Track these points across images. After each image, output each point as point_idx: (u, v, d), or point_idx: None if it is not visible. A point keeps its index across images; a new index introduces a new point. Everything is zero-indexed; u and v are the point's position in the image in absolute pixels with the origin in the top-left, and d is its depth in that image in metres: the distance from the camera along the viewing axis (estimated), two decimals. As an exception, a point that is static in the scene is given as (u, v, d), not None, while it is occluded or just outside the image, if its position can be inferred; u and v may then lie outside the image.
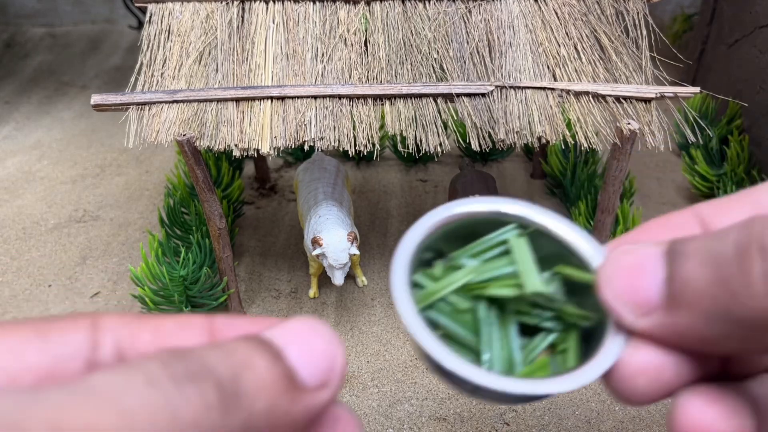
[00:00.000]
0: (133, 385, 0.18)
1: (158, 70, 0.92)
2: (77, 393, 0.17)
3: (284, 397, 0.21)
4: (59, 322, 0.23)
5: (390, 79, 0.91)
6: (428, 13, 0.95)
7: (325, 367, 0.23)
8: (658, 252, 0.24)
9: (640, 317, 0.24)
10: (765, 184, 0.27)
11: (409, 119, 0.88)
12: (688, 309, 0.22)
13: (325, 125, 0.87)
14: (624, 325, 0.25)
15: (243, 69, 0.92)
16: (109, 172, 1.54)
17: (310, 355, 0.23)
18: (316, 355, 0.23)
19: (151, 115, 0.88)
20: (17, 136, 1.70)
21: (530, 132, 0.88)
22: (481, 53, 0.93)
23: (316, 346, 0.23)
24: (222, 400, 0.19)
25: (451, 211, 0.30)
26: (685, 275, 0.23)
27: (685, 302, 0.22)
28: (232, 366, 0.20)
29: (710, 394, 0.25)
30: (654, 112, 0.89)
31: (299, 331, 0.23)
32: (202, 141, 0.86)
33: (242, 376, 0.20)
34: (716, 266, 0.21)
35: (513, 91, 0.90)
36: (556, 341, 0.29)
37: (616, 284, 0.25)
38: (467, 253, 0.31)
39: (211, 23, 0.95)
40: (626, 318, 0.25)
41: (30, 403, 0.16)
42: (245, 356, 0.21)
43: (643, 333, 0.25)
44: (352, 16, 0.95)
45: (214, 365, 0.20)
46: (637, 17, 0.95)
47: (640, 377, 0.25)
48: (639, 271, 0.24)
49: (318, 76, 0.91)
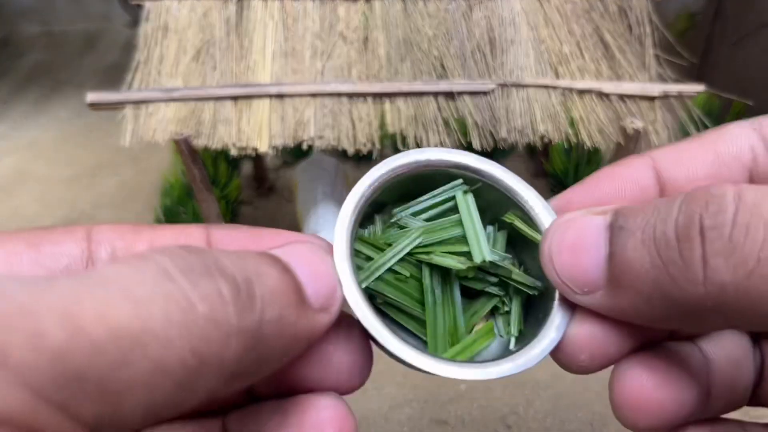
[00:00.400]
0: (147, 276, 0.17)
1: (155, 67, 0.91)
2: (89, 282, 0.16)
3: (293, 310, 0.21)
4: (52, 233, 0.23)
5: (390, 77, 0.89)
6: (428, 10, 0.94)
7: (327, 291, 0.23)
8: (601, 224, 0.23)
9: (582, 295, 0.24)
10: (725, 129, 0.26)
11: (410, 118, 0.87)
12: (629, 290, 0.22)
13: (325, 124, 0.86)
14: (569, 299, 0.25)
15: (241, 67, 0.90)
16: (106, 171, 1.52)
17: (315, 277, 0.23)
18: (320, 278, 0.23)
19: (147, 113, 0.86)
20: (13, 135, 1.68)
21: (532, 131, 0.86)
22: (483, 51, 0.92)
23: (321, 269, 0.23)
24: (237, 297, 0.19)
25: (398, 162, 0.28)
26: (626, 255, 0.22)
27: (626, 283, 0.22)
28: (245, 269, 0.20)
29: (650, 362, 0.25)
30: (658, 110, 0.88)
31: (305, 253, 0.23)
32: (199, 140, 0.85)
33: (255, 281, 0.20)
34: (657, 248, 0.21)
35: (515, 90, 0.89)
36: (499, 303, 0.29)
37: (558, 260, 0.24)
38: (410, 209, 0.30)
39: (208, 20, 0.93)
40: (569, 294, 0.25)
41: (41, 290, 0.15)
42: (257, 264, 0.20)
43: (588, 307, 0.24)
44: (351, 13, 0.94)
45: (227, 265, 0.19)
46: (640, 14, 0.93)
47: (583, 352, 0.25)
48: (581, 248, 0.24)
49: (317, 73, 0.90)
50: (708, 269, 0.19)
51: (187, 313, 0.17)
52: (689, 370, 0.25)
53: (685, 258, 0.20)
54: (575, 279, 0.24)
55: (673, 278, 0.20)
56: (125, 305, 0.16)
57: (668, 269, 0.20)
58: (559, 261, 0.24)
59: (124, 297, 0.16)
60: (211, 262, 0.19)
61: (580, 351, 0.25)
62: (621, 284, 0.22)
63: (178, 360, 0.16)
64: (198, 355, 0.17)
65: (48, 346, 0.14)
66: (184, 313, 0.17)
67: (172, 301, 0.17)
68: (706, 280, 0.19)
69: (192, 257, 0.19)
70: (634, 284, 0.21)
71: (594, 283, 0.23)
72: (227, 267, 0.19)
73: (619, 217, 0.23)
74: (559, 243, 0.24)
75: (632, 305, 0.22)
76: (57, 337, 0.14)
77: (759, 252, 0.18)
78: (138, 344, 0.15)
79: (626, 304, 0.22)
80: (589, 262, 0.23)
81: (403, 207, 0.30)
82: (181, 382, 0.16)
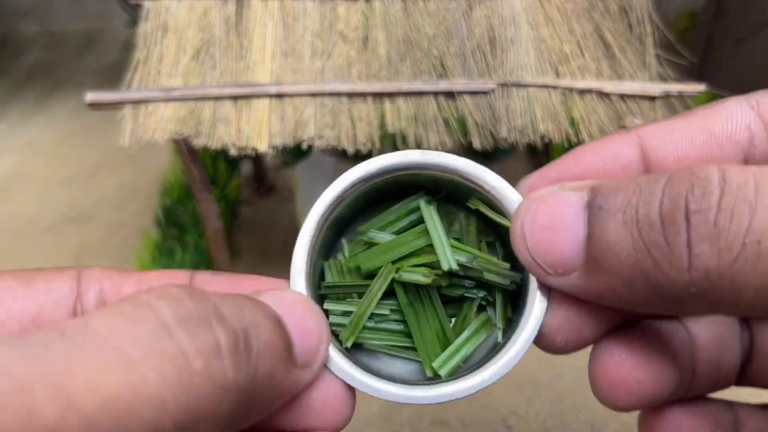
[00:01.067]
0: (142, 331, 0.17)
1: (154, 67, 0.90)
2: (82, 344, 0.16)
3: (282, 366, 0.20)
4: (43, 272, 0.23)
5: (390, 76, 0.89)
6: (429, 10, 0.93)
7: (313, 347, 0.22)
8: (578, 202, 0.22)
9: (557, 277, 0.23)
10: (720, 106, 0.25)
11: (410, 117, 0.87)
12: (608, 273, 0.21)
13: (324, 123, 0.85)
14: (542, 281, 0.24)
15: (240, 66, 0.90)
16: (105, 171, 1.52)
17: (303, 333, 0.22)
18: (308, 334, 0.22)
19: (146, 113, 0.86)
20: (11, 134, 1.68)
21: (533, 130, 0.86)
22: (483, 50, 0.91)
23: (309, 324, 0.22)
24: (235, 350, 0.18)
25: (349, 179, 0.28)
26: (606, 237, 0.21)
27: (605, 266, 0.21)
28: (242, 319, 0.19)
29: (630, 341, 0.24)
30: (659, 110, 0.87)
31: (293, 304, 0.23)
32: (198, 139, 0.84)
33: (252, 332, 0.19)
34: (640, 230, 0.20)
35: (515, 89, 0.88)
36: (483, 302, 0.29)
37: (530, 240, 0.23)
38: (375, 225, 0.30)
39: (208, 19, 0.93)
40: (541, 275, 0.23)
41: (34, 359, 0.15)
42: (253, 313, 0.20)
43: (563, 290, 0.23)
44: (351, 13, 0.93)
45: (227, 313, 0.19)
46: (641, 14, 0.93)
47: (558, 335, 0.24)
48: (557, 227, 0.22)
49: (317, 73, 0.89)
50: (693, 255, 0.18)
51: (183, 371, 0.16)
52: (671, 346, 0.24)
53: (670, 242, 0.19)
54: (550, 259, 0.23)
55: (657, 262, 0.19)
56: (118, 370, 0.15)
57: (651, 253, 0.19)
58: (532, 240, 0.23)
59: (117, 361, 0.16)
60: (211, 309, 0.18)
61: (557, 333, 0.24)
62: (599, 267, 0.21)
63: (172, 422, 0.16)
64: (192, 414, 0.16)
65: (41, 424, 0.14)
66: (179, 372, 0.16)
67: (167, 359, 0.16)
68: (690, 265, 0.18)
69: (192, 303, 0.18)
70: (614, 267, 0.20)
71: (570, 264, 0.22)
72: (226, 316, 0.18)
73: (598, 196, 0.21)
74: (532, 221, 0.23)
75: (610, 288, 0.21)
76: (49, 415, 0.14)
77: (744, 237, 0.18)
78: (131, 412, 0.15)
79: (604, 287, 0.21)
80: (566, 241, 0.22)
81: (369, 224, 0.30)
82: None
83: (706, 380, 0.26)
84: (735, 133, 0.24)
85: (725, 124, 0.24)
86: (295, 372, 0.21)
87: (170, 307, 0.17)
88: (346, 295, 0.28)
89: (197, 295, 0.19)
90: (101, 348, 0.16)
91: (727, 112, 0.24)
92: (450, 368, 0.26)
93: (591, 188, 0.22)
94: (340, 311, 0.28)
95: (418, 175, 0.29)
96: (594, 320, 0.24)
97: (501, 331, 0.28)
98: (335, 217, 0.28)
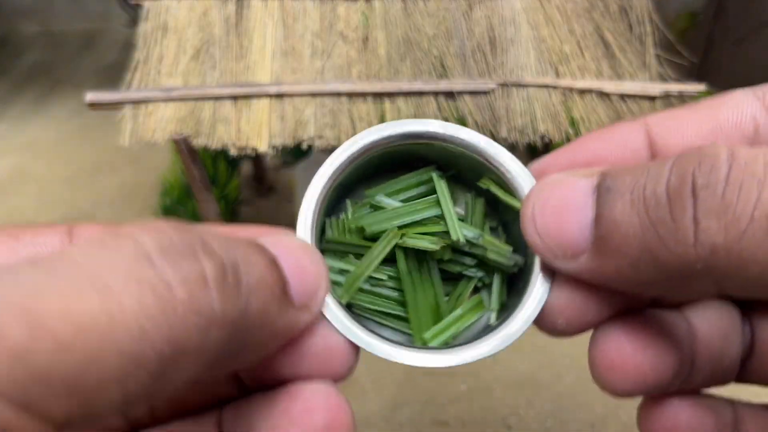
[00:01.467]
0: (121, 259, 0.16)
1: (154, 67, 0.90)
2: (54, 271, 0.15)
3: (276, 304, 0.20)
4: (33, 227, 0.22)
5: (390, 76, 0.89)
6: (429, 9, 0.93)
7: (311, 289, 0.22)
8: (587, 186, 0.22)
9: (566, 260, 0.23)
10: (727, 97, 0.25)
11: (410, 117, 0.86)
12: (615, 253, 0.21)
13: (324, 123, 0.85)
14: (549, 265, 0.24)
15: (240, 66, 0.90)
16: (104, 171, 1.52)
17: (301, 273, 0.21)
18: (305, 274, 0.22)
19: (146, 113, 0.86)
20: (11, 134, 1.68)
21: (533, 130, 0.86)
22: (483, 50, 0.91)
23: (306, 265, 0.22)
24: (222, 282, 0.17)
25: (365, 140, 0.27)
26: (614, 217, 0.21)
27: (613, 246, 0.21)
28: (233, 254, 0.18)
29: (631, 326, 0.24)
30: (659, 110, 0.87)
31: (291, 246, 0.22)
32: (198, 139, 0.84)
33: (242, 267, 0.18)
34: (647, 208, 0.20)
35: (515, 89, 0.88)
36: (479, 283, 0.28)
37: (540, 223, 0.23)
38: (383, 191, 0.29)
39: (208, 19, 0.93)
40: (551, 259, 0.23)
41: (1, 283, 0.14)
42: (245, 250, 0.19)
43: (569, 274, 0.23)
44: (351, 13, 0.93)
45: (215, 246, 0.18)
46: (641, 14, 0.93)
47: (561, 317, 0.24)
48: (566, 210, 0.22)
49: (317, 73, 0.89)
50: (699, 230, 0.18)
51: (164, 300, 0.16)
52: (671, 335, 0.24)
53: (676, 218, 0.19)
54: (559, 241, 0.23)
55: (663, 240, 0.19)
56: (92, 297, 0.15)
57: (658, 230, 0.19)
58: (542, 223, 0.23)
59: (92, 287, 0.15)
60: (197, 241, 0.17)
61: (559, 315, 0.24)
62: (607, 247, 0.21)
63: (153, 351, 0.15)
64: (175, 345, 0.16)
65: (7, 346, 0.13)
66: (160, 301, 0.16)
67: (147, 287, 0.15)
68: (696, 241, 0.18)
69: (176, 235, 0.17)
70: (621, 247, 0.20)
71: (579, 246, 0.22)
72: (214, 248, 0.18)
73: (607, 178, 0.22)
74: (543, 205, 0.23)
75: (618, 269, 0.21)
76: (17, 337, 0.13)
77: (753, 211, 0.17)
78: (107, 339, 0.14)
79: (611, 269, 0.21)
80: (575, 224, 0.22)
81: (377, 188, 0.29)
82: (156, 372, 0.15)
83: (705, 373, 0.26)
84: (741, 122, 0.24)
85: (731, 113, 0.24)
86: (292, 312, 0.21)
87: (153, 238, 0.17)
88: (345, 253, 0.28)
89: (184, 228, 0.18)
90: (76, 275, 0.15)
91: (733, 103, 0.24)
92: (439, 342, 0.26)
93: (601, 173, 0.22)
94: (338, 269, 0.27)
95: (433, 146, 0.28)
96: (597, 304, 0.24)
97: (494, 313, 0.28)
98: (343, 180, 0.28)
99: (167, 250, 0.17)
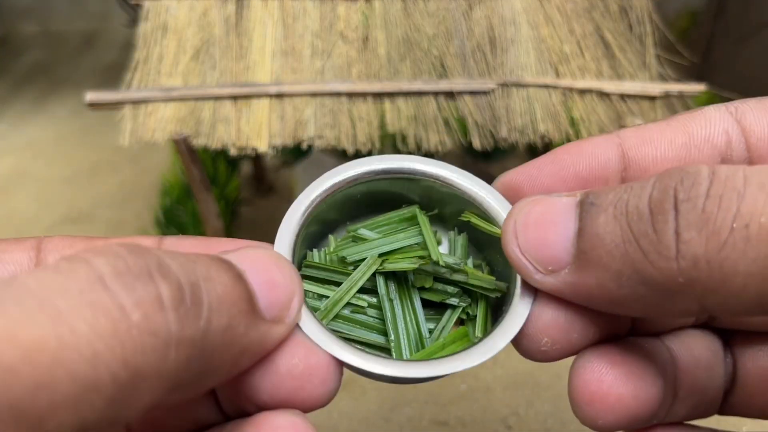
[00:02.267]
0: (74, 283, 0.15)
1: (154, 67, 0.90)
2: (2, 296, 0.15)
3: (243, 319, 0.19)
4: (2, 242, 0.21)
5: (390, 76, 0.89)
6: (429, 9, 0.93)
7: (282, 300, 0.21)
8: (570, 202, 0.22)
9: (547, 275, 0.23)
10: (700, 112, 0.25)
11: (410, 117, 0.86)
12: (597, 267, 0.21)
13: (324, 123, 0.85)
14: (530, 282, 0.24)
15: (240, 66, 0.90)
16: (104, 171, 1.52)
17: (270, 285, 0.21)
18: (276, 287, 0.21)
19: (146, 113, 0.86)
20: (10, 134, 1.68)
21: (533, 130, 0.86)
22: (483, 50, 0.91)
23: (276, 277, 0.22)
24: (179, 303, 0.17)
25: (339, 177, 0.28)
26: (596, 230, 0.21)
27: (595, 259, 0.21)
28: (193, 273, 0.18)
29: (612, 355, 0.24)
30: (659, 110, 0.87)
31: (261, 259, 0.22)
32: (198, 139, 0.84)
33: (203, 285, 0.18)
34: (629, 222, 0.20)
35: (515, 89, 0.88)
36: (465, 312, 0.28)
37: (522, 237, 0.23)
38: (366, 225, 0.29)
39: (207, 19, 0.93)
40: (532, 275, 0.23)
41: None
42: (206, 267, 0.19)
43: (550, 291, 0.23)
44: (351, 12, 0.93)
45: (172, 267, 0.18)
46: (641, 13, 0.93)
47: (543, 338, 0.24)
48: (548, 224, 0.23)
49: (317, 73, 0.89)
50: (681, 242, 0.18)
51: (118, 322, 0.15)
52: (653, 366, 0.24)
53: (658, 231, 0.19)
54: (540, 255, 0.23)
55: (645, 252, 0.19)
56: (42, 321, 0.14)
57: (640, 243, 0.19)
58: (524, 237, 0.23)
59: (41, 311, 0.14)
60: (153, 263, 0.17)
61: (542, 334, 0.24)
62: (589, 261, 0.21)
63: (108, 375, 0.15)
64: (131, 369, 0.15)
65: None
66: (114, 323, 0.15)
67: (99, 310, 0.15)
68: (678, 253, 0.18)
69: (131, 257, 0.17)
70: (603, 260, 0.20)
71: (560, 259, 0.22)
72: (171, 269, 0.17)
73: (590, 195, 0.22)
74: (524, 220, 0.23)
75: (599, 283, 0.21)
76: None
77: (732, 222, 0.17)
78: (58, 363, 0.14)
79: (593, 282, 0.21)
80: (557, 237, 0.22)
81: (359, 224, 0.29)
82: (113, 397, 0.15)
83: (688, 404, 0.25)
84: (713, 136, 0.24)
85: (704, 127, 0.25)
86: (263, 326, 0.20)
87: (108, 262, 0.16)
88: (325, 281, 0.28)
89: (139, 250, 0.17)
90: (25, 299, 0.15)
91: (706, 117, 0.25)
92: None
93: (584, 191, 0.22)
94: (316, 294, 0.27)
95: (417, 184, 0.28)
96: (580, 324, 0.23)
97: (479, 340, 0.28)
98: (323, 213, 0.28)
99: (122, 273, 0.16)
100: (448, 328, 0.28)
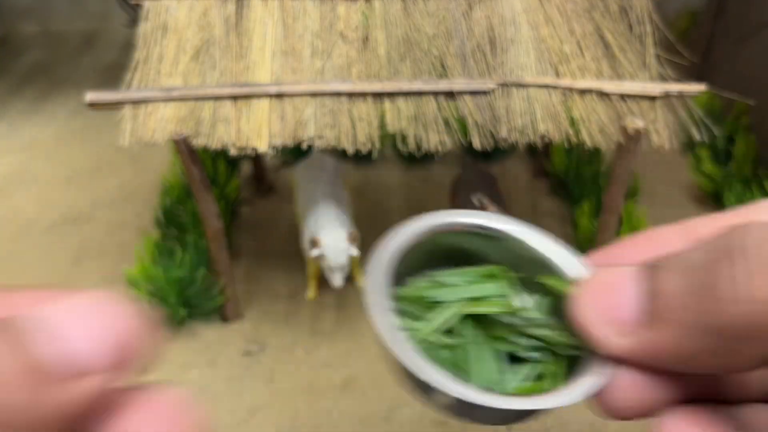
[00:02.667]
0: None
1: (154, 67, 0.90)
2: None
3: (25, 390, 0.17)
4: None
5: (390, 76, 0.89)
6: (429, 9, 0.93)
7: (89, 352, 0.19)
8: (636, 269, 0.23)
9: (618, 337, 0.23)
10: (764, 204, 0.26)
11: (410, 117, 0.86)
12: (668, 323, 0.21)
13: (324, 123, 0.85)
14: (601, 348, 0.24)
15: (240, 66, 0.90)
16: (104, 171, 1.52)
17: (83, 335, 0.19)
18: (91, 335, 0.19)
19: (146, 113, 0.86)
20: (11, 134, 1.68)
21: (533, 130, 0.86)
22: (483, 50, 0.91)
23: (91, 323, 0.19)
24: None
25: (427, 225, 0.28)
26: (663, 287, 0.22)
27: (664, 316, 0.21)
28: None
29: (694, 416, 0.24)
30: (659, 110, 0.87)
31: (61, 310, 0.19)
32: (198, 139, 0.84)
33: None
34: (696, 273, 0.21)
35: (515, 89, 0.88)
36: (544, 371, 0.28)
37: (591, 303, 0.24)
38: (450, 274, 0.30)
39: (207, 19, 0.93)
40: (603, 340, 0.24)
41: None
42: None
43: (623, 355, 0.24)
44: (351, 12, 0.93)
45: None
46: (641, 13, 0.93)
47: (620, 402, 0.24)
48: (616, 288, 0.24)
49: (317, 73, 0.89)
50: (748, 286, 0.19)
51: None
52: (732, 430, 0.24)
53: (728, 277, 0.20)
54: (609, 320, 0.23)
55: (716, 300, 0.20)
56: None
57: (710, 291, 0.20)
58: (591, 303, 0.24)
59: None
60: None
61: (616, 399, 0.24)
62: (659, 318, 0.22)
63: None
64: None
65: None
66: None
67: None
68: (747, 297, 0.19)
69: None
70: (672, 315, 0.21)
71: (630, 321, 0.23)
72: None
73: (656, 260, 0.23)
74: (591, 286, 0.24)
75: (672, 341, 0.22)
76: None
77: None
78: None
79: (665, 341, 0.22)
80: (625, 299, 0.23)
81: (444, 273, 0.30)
82: None
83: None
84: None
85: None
86: (59, 389, 0.18)
87: None
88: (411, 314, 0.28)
89: None
90: None
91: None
92: None
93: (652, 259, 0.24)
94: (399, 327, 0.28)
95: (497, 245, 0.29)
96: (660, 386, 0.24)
97: None
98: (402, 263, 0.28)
99: None
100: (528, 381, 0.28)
